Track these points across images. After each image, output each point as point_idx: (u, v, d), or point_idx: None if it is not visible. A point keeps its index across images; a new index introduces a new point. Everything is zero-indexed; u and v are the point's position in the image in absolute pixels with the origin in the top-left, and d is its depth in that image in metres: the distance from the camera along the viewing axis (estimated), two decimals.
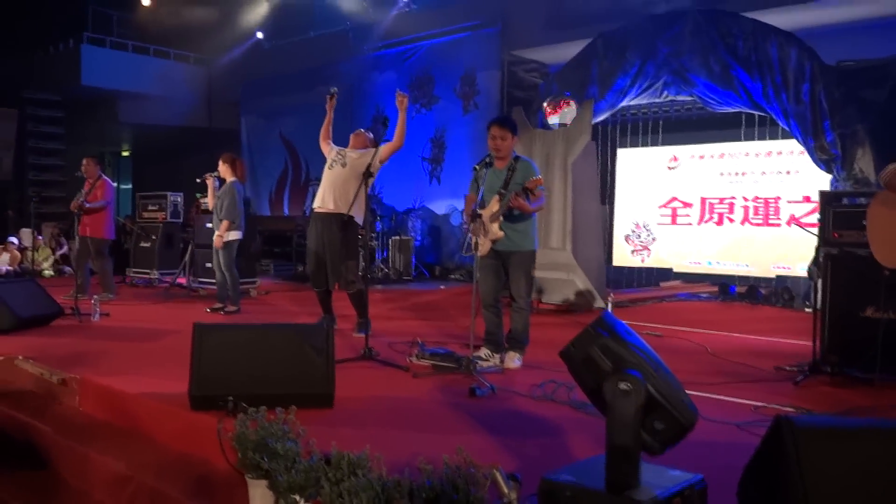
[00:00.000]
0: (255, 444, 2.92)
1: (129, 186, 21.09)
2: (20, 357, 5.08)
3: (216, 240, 7.62)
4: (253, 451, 2.91)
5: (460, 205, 12.59)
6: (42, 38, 17.04)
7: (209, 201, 7.85)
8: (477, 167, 5.11)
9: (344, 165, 6.22)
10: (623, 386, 2.24)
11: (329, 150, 6.48)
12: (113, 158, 21.62)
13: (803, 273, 8.95)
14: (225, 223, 7.58)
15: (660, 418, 2.32)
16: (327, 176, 6.32)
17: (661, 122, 11.44)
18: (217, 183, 7.85)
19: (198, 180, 7.85)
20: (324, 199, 6.25)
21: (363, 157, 6.13)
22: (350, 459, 2.61)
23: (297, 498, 2.72)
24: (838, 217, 4.92)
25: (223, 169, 7.73)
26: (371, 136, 6.57)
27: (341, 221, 5.92)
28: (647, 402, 2.26)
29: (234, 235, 7.66)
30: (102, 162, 9.05)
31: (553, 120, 8.67)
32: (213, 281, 8.26)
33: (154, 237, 10.61)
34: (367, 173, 5.65)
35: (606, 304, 8.35)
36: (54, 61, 16.98)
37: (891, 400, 4.34)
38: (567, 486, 2.29)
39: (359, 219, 6.19)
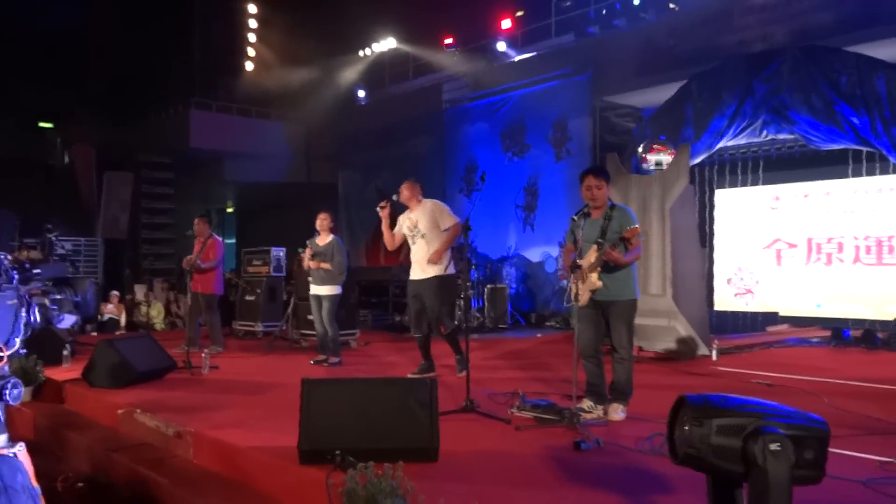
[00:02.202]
0: (364, 501, 2.96)
1: (234, 241, 21.99)
2: (139, 410, 5.33)
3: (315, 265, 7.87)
4: None
5: (555, 251, 12.54)
6: (154, 105, 18.20)
7: (308, 262, 8.03)
8: (574, 218, 5.10)
9: (423, 237, 6.73)
10: (773, 446, 2.17)
11: (400, 235, 6.93)
12: (217, 215, 22.66)
13: None
14: (326, 264, 7.81)
15: (805, 448, 2.26)
16: (413, 251, 6.86)
17: (760, 161, 11.13)
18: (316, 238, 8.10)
19: (300, 250, 8.13)
20: (417, 272, 6.78)
21: (432, 220, 6.70)
22: None
23: None
24: None
25: (325, 224, 7.98)
26: (417, 186, 6.95)
27: (436, 281, 6.64)
28: (794, 444, 2.22)
29: (338, 290, 7.89)
30: (211, 220, 9.48)
31: (648, 165, 8.57)
32: (315, 333, 8.46)
33: (258, 291, 10.98)
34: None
35: (711, 351, 8.09)
36: (165, 126, 18.08)
37: None
38: None
39: (450, 268, 6.73)
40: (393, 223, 6.96)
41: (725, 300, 11.49)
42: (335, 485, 3.33)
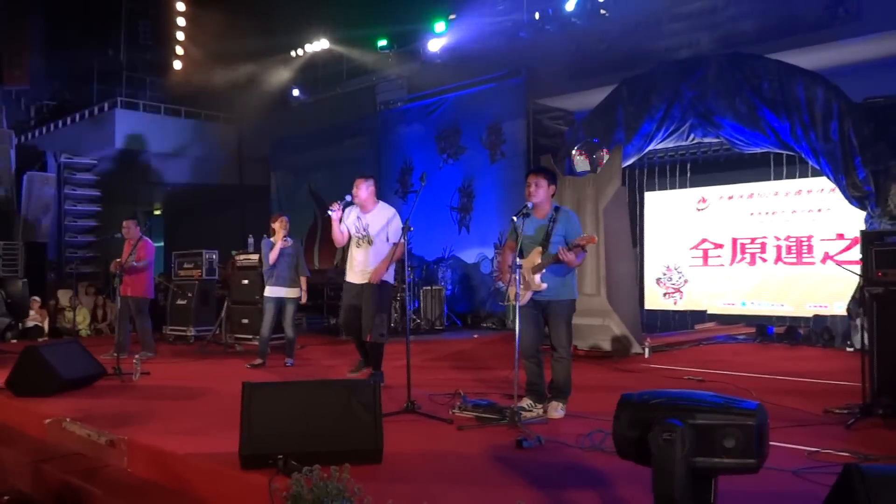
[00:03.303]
0: None
1: (161, 244, 21.45)
2: (68, 419, 5.14)
3: (304, 296, 7.95)
4: None
5: (490, 253, 12.64)
6: (77, 103, 17.57)
7: (273, 256, 7.87)
8: (514, 218, 5.13)
9: (370, 243, 6.39)
10: (666, 436, 2.26)
11: (348, 234, 6.50)
12: (145, 217, 22.05)
13: (841, 311, 8.83)
14: (304, 280, 7.94)
15: (725, 436, 2.35)
16: (356, 253, 6.47)
17: (688, 164, 11.48)
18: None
19: (234, 253, 7.94)
20: (357, 276, 6.44)
21: (383, 231, 6.38)
22: None
23: None
24: (881, 256, 4.87)
25: (287, 226, 7.96)
26: (373, 186, 6.54)
27: (377, 286, 6.33)
28: (702, 433, 2.30)
29: (299, 293, 7.99)
30: (140, 222, 9.25)
31: (582, 167, 8.73)
32: (249, 337, 8.32)
33: (190, 294, 10.74)
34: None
35: (643, 349, 8.29)
36: (89, 126, 17.47)
37: None
38: None
39: (389, 276, 6.49)
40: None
41: (655, 299, 11.80)
42: (279, 489, 3.29)
